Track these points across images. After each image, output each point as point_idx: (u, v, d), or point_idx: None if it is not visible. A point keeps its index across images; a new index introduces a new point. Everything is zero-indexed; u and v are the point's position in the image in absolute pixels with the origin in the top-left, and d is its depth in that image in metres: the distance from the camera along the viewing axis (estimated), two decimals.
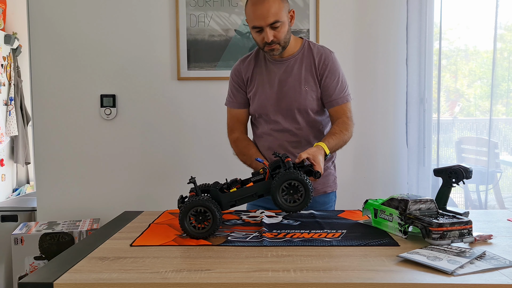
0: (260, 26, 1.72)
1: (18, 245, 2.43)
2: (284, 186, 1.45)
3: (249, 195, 1.51)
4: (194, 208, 1.41)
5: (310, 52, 1.85)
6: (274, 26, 1.72)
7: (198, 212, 1.41)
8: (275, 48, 1.77)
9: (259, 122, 1.93)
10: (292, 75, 1.84)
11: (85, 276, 1.11)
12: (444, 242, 1.29)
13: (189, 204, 1.41)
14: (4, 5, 3.99)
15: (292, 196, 1.46)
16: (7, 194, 3.80)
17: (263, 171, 1.56)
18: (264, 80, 1.87)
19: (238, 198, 1.50)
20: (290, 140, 1.86)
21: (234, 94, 1.94)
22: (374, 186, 2.74)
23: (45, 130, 2.74)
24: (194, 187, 1.51)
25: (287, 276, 1.09)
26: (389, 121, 2.76)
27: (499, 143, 2.80)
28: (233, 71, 1.95)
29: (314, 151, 1.61)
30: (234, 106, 1.95)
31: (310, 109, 1.84)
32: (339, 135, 1.76)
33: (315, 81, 1.83)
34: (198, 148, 2.75)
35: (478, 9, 2.84)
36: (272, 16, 1.70)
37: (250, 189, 1.51)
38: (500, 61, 2.79)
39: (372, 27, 2.72)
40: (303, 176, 1.45)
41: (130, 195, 2.76)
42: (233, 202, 1.50)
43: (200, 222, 1.41)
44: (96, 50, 2.72)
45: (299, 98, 1.82)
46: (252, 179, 1.56)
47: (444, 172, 1.65)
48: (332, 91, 1.82)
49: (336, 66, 1.85)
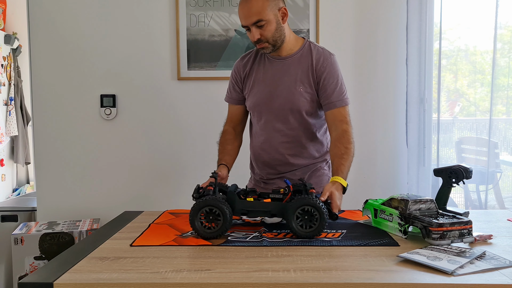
0: (245, 25, 1.74)
1: (18, 245, 2.43)
2: (299, 212, 1.42)
3: (264, 210, 1.49)
4: (208, 207, 1.41)
5: (310, 53, 1.83)
6: (258, 25, 1.71)
7: (210, 211, 1.41)
8: (265, 46, 1.76)
9: (253, 120, 1.94)
10: (288, 74, 1.82)
11: (85, 276, 1.11)
12: (444, 242, 1.29)
13: (205, 202, 1.40)
14: (4, 5, 3.99)
15: (307, 222, 1.43)
16: (7, 194, 3.80)
17: (284, 191, 1.54)
18: (260, 77, 1.86)
19: (251, 209, 1.49)
20: (281, 140, 1.85)
21: (230, 90, 1.97)
22: (374, 186, 2.74)
23: (45, 130, 2.74)
24: (213, 182, 1.51)
25: (287, 276, 1.09)
26: (389, 121, 2.76)
27: (499, 143, 2.80)
28: (233, 67, 1.97)
29: (331, 189, 1.58)
30: (230, 102, 1.98)
31: (304, 110, 1.81)
32: (347, 155, 1.72)
33: (310, 82, 1.81)
34: (198, 148, 2.75)
35: (478, 9, 2.84)
36: (254, 15, 1.70)
37: (267, 205, 1.49)
38: (500, 61, 2.79)
39: (372, 27, 2.72)
40: (320, 203, 1.42)
41: (130, 195, 2.76)
42: (245, 211, 1.49)
43: (210, 221, 1.41)
44: (96, 50, 2.72)
45: (292, 98, 1.81)
46: (271, 195, 1.54)
47: (444, 172, 1.65)
48: (330, 93, 1.80)
49: (335, 69, 1.82)
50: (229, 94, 1.98)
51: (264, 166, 1.90)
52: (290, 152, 1.85)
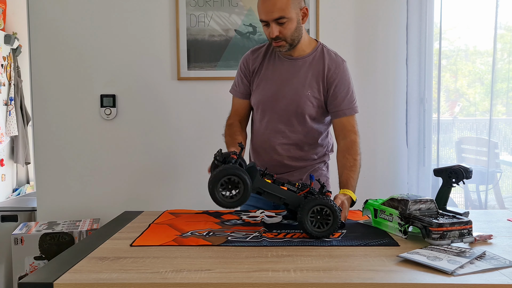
0: (266, 20, 1.69)
1: (18, 245, 2.43)
2: (315, 209, 1.40)
3: (279, 196, 1.47)
4: (229, 176, 1.38)
5: (322, 58, 1.80)
6: (279, 21, 1.67)
7: (229, 180, 1.39)
8: (281, 44, 1.73)
9: (256, 118, 1.91)
10: (297, 76, 1.79)
11: (85, 276, 1.11)
12: (444, 242, 1.29)
13: (226, 170, 1.37)
14: (4, 5, 3.99)
15: (318, 221, 1.41)
16: (7, 194, 3.81)
17: (298, 185, 1.52)
18: (269, 75, 1.83)
19: (268, 190, 1.46)
20: (281, 142, 1.83)
21: (238, 83, 1.92)
22: (374, 186, 2.74)
23: (45, 130, 2.74)
24: (237, 152, 1.49)
25: (287, 276, 1.09)
26: (389, 121, 2.76)
27: (499, 143, 2.80)
28: (242, 60, 1.92)
29: (343, 198, 1.61)
30: (236, 95, 1.94)
31: (308, 114, 1.80)
32: (355, 167, 1.75)
33: (320, 88, 1.79)
34: (198, 148, 2.75)
35: (478, 9, 2.84)
36: (277, 11, 1.65)
37: (283, 192, 1.47)
38: (500, 61, 2.79)
39: (372, 27, 2.72)
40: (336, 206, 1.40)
41: (130, 195, 2.76)
42: (261, 190, 1.47)
43: (229, 190, 1.39)
44: (96, 50, 2.72)
45: (298, 101, 1.78)
46: (287, 184, 1.52)
47: (444, 172, 1.65)
48: (340, 101, 1.78)
49: (347, 76, 1.81)
50: (237, 87, 1.93)
51: (262, 165, 1.90)
52: (289, 155, 1.84)
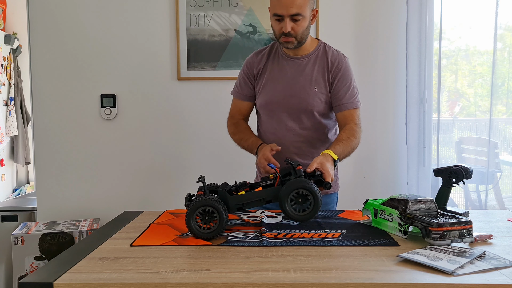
0: (281, 14, 1.71)
1: (18, 245, 2.43)
2: (293, 195, 1.44)
3: (257, 199, 1.49)
4: (202, 207, 1.40)
5: (325, 55, 1.85)
6: (295, 18, 1.71)
7: (205, 212, 1.41)
8: (291, 41, 1.76)
9: (264, 118, 1.92)
10: (304, 74, 1.83)
11: (85, 276, 1.11)
12: (444, 242, 1.29)
13: (197, 203, 1.40)
14: (4, 5, 3.99)
15: (301, 205, 1.45)
16: (7, 194, 3.80)
17: (273, 176, 1.54)
18: (275, 75, 1.86)
19: (246, 202, 1.49)
20: (292, 139, 1.85)
21: (241, 86, 1.95)
22: (374, 186, 2.74)
23: (45, 130, 2.74)
24: (202, 186, 1.50)
25: (287, 276, 1.09)
26: (389, 121, 2.76)
27: (499, 143, 2.80)
28: (245, 63, 1.95)
29: (321, 159, 1.59)
30: (239, 98, 1.96)
31: (317, 111, 1.83)
32: (346, 141, 1.74)
33: (325, 84, 1.83)
34: (198, 148, 2.75)
35: (478, 9, 2.84)
36: (296, 8, 1.69)
37: (259, 193, 1.50)
38: (500, 61, 2.79)
39: (372, 27, 2.72)
40: (313, 186, 1.43)
41: (130, 195, 2.76)
42: (240, 205, 1.50)
43: (206, 222, 1.41)
44: (96, 50, 2.72)
45: (307, 98, 1.82)
46: (262, 183, 1.54)
47: (444, 172, 1.65)
48: (342, 95, 1.82)
49: (349, 72, 1.85)
50: (239, 90, 1.95)
51: None
52: (300, 152, 1.86)
